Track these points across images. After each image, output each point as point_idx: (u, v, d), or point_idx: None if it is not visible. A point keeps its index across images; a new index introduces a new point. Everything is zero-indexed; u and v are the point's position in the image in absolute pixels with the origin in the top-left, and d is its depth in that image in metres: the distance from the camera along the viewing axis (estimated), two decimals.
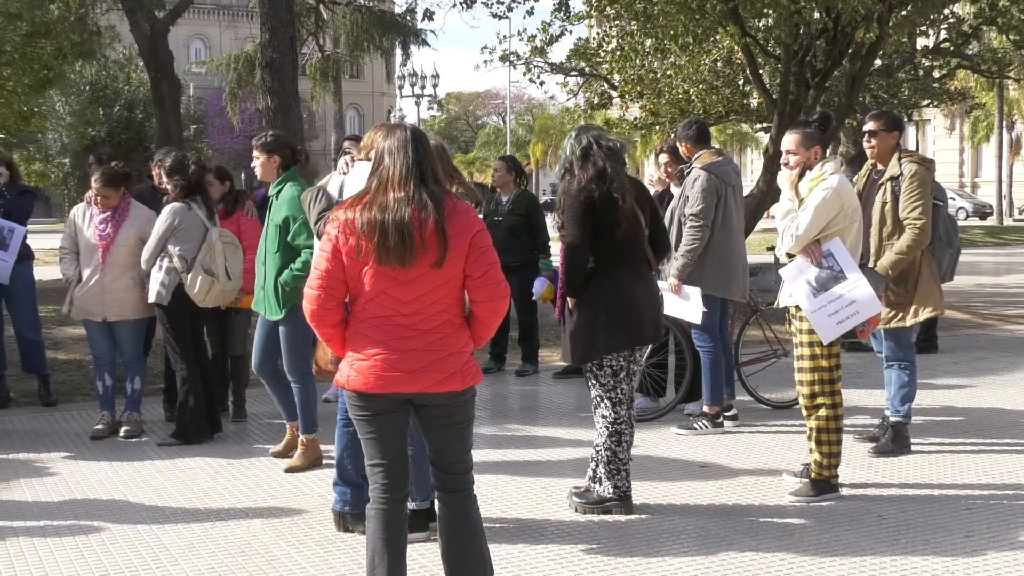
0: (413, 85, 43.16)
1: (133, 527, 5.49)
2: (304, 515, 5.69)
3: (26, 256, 8.26)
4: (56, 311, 9.13)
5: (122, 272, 7.30)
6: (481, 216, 7.49)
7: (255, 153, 6.57)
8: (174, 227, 7.07)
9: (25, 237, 8.09)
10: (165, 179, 7.26)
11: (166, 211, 7.10)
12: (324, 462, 6.51)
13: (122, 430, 7.46)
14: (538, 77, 18.98)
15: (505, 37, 18.13)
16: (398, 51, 25.68)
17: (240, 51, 25.78)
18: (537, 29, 16.46)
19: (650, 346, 7.72)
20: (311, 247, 6.10)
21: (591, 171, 5.61)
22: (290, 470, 6.54)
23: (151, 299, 7.15)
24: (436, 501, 4.16)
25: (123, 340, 7.48)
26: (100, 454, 7.02)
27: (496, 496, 5.98)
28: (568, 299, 5.69)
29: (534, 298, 9.15)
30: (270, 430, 7.69)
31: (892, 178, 6.72)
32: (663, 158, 7.94)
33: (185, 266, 7.07)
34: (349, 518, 5.36)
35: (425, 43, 23.70)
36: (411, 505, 5.06)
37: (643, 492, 5.92)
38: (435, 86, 44.42)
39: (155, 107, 17.00)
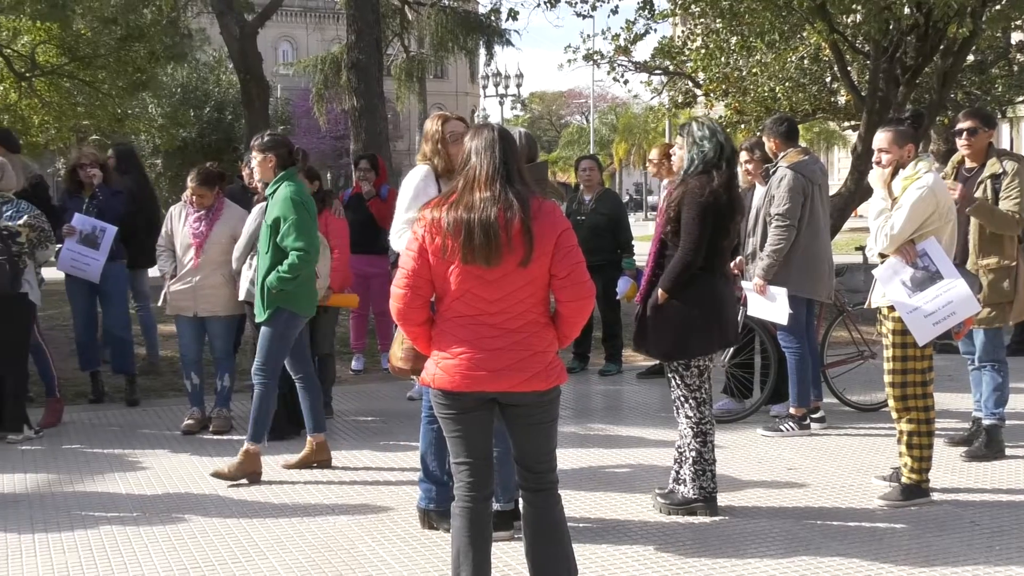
0: (497, 85, 43.29)
1: (223, 521, 5.59)
2: (389, 512, 5.74)
3: (118, 255, 8.44)
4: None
5: (215, 269, 7.45)
6: None
7: (252, 153, 6.54)
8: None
9: (117, 236, 8.27)
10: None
11: (256, 210, 7.21)
12: (407, 459, 6.56)
13: (212, 426, 7.61)
14: (622, 76, 18.91)
15: (589, 36, 18.00)
16: (482, 51, 25.71)
17: (327, 52, 26.06)
18: (621, 28, 16.38)
19: (731, 347, 7.69)
20: (298, 249, 6.15)
21: (725, 176, 5.56)
22: (217, 474, 6.28)
23: (241, 296, 7.28)
24: (520, 500, 4.17)
25: (214, 336, 7.63)
26: (190, 449, 7.16)
27: (580, 495, 5.97)
28: (659, 295, 5.63)
29: (618, 297, 9.12)
30: (356, 428, 7.78)
31: (993, 176, 6.57)
32: (745, 156, 7.88)
33: None
34: (433, 515, 5.39)
35: (509, 43, 23.68)
36: (496, 505, 5.09)
37: (728, 494, 5.87)
38: (519, 86, 44.51)
39: (244, 108, 17.28)
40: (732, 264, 7.72)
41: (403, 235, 5.28)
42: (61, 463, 6.80)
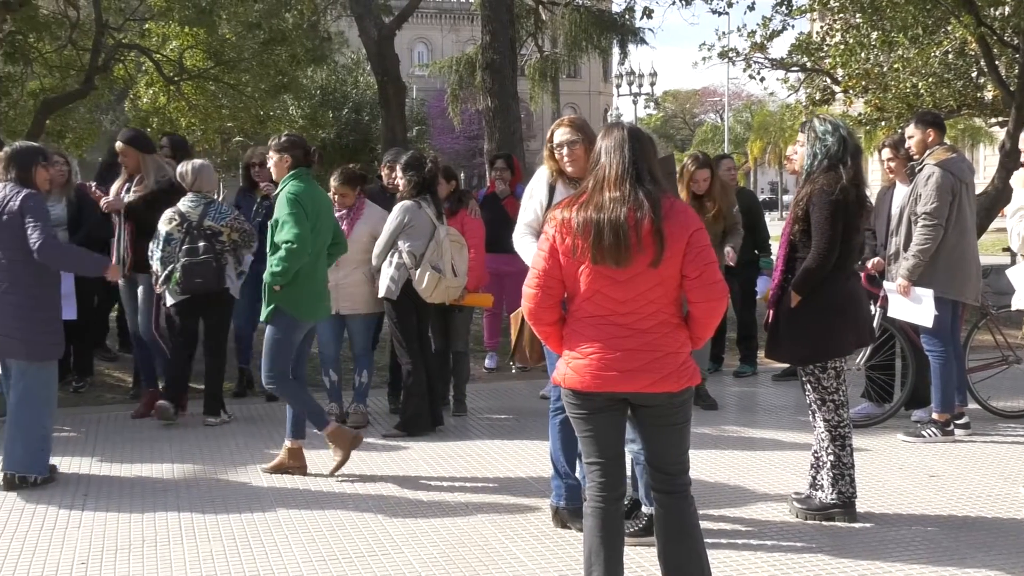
0: (630, 84, 43.00)
1: (359, 514, 5.70)
2: (523, 509, 5.77)
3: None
4: None
5: (355, 268, 7.59)
6: None
7: (269, 153, 6.59)
8: (404, 224, 7.30)
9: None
10: (399, 174, 7.48)
11: (397, 209, 7.34)
12: (541, 457, 6.57)
13: (349, 421, 7.76)
14: (758, 73, 18.60)
15: (724, 33, 17.81)
16: (616, 50, 25.63)
17: (461, 53, 26.34)
18: (757, 24, 16.15)
19: (870, 349, 7.50)
20: (287, 241, 6.14)
21: (852, 172, 5.43)
22: (266, 470, 6.52)
23: (381, 294, 7.42)
24: (653, 502, 4.14)
25: (354, 333, 7.79)
26: (326, 444, 7.29)
27: (714, 498, 5.91)
28: (792, 299, 5.53)
29: (758, 298, 8.99)
30: (490, 425, 7.85)
31: None
32: (887, 154, 7.66)
33: (414, 262, 7.29)
34: (565, 513, 5.40)
35: (643, 41, 23.56)
36: (645, 510, 5.07)
37: (867, 499, 5.74)
38: (652, 84, 44.11)
39: (381, 109, 17.55)
40: (870, 264, 7.55)
41: (523, 237, 5.33)
42: (206, 454, 7.02)
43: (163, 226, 7.59)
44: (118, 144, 7.33)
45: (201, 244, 7.56)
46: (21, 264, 6.10)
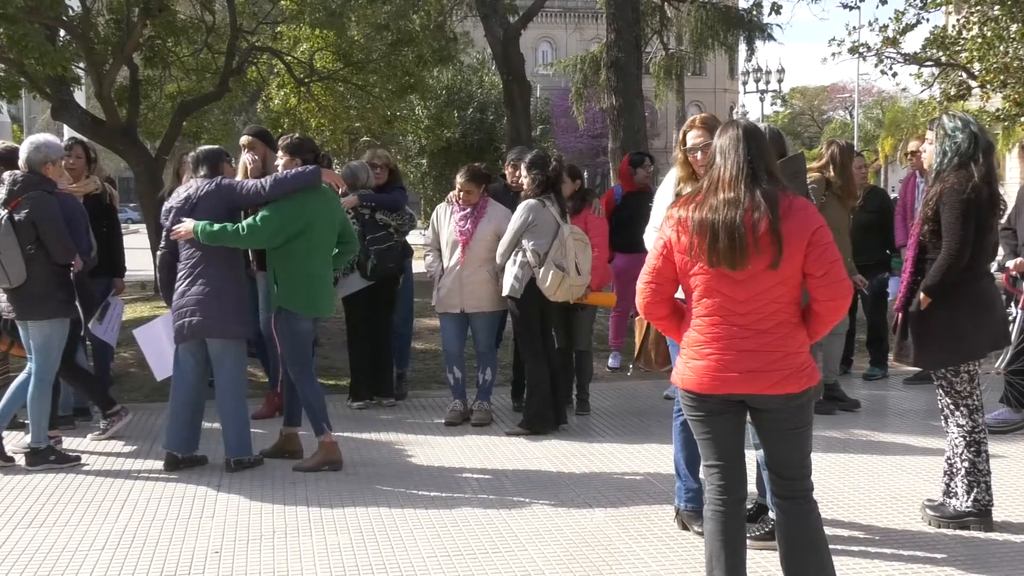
0: (757, 81, 42.40)
1: (483, 511, 5.74)
2: (646, 509, 5.74)
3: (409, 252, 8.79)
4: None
5: (479, 266, 7.66)
6: None
7: (279, 153, 6.74)
8: (528, 223, 7.33)
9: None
10: (524, 173, 7.51)
11: (521, 207, 7.37)
12: (664, 458, 6.54)
13: (473, 418, 7.83)
14: (890, 68, 18.20)
15: (855, 28, 17.47)
16: (742, 46, 25.32)
17: (586, 52, 26.29)
18: (890, 18, 15.80)
19: (1011, 352, 7.25)
20: (252, 224, 6.39)
21: (984, 169, 5.26)
22: (298, 468, 6.63)
23: (505, 292, 7.46)
24: (774, 507, 4.07)
25: (477, 331, 7.85)
26: (452, 440, 7.39)
27: (840, 503, 5.79)
28: (921, 301, 5.38)
29: (890, 299, 8.78)
30: (613, 425, 7.82)
31: None
32: None
33: (538, 261, 7.31)
34: (686, 515, 5.36)
35: (771, 37, 23.21)
36: (771, 514, 4.97)
37: (1004, 508, 5.55)
38: (780, 81, 43.43)
39: (506, 108, 17.64)
40: (1012, 264, 7.30)
41: (650, 237, 5.30)
42: (344, 449, 7.14)
43: None
44: (245, 138, 7.53)
45: (381, 233, 8.02)
46: (213, 248, 6.46)
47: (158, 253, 6.82)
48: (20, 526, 5.54)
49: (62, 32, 13.96)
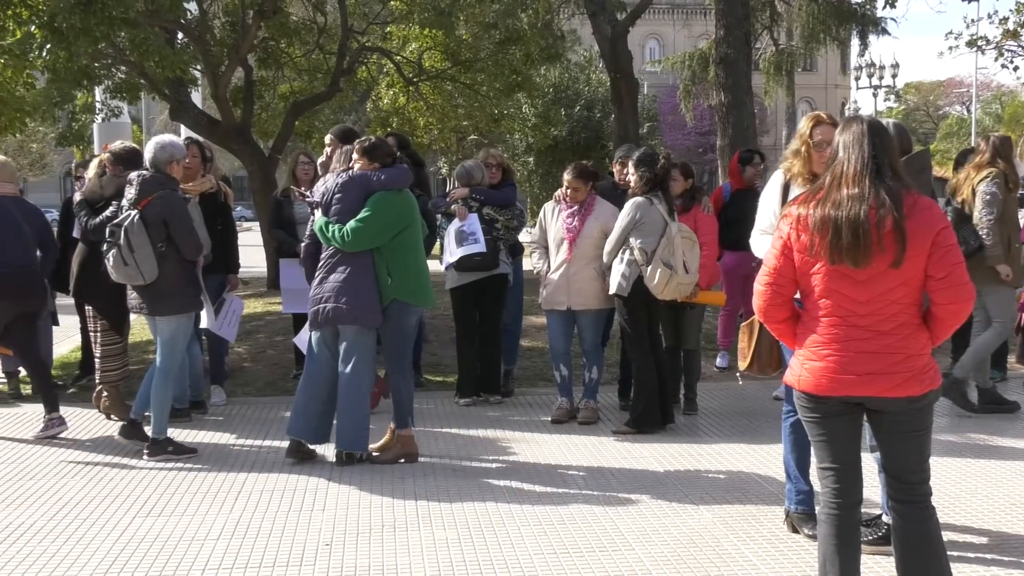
0: (870, 76, 41.58)
1: (590, 509, 5.73)
2: (754, 511, 5.67)
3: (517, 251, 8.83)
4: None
5: (586, 263, 7.65)
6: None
7: (354, 155, 6.75)
8: (636, 221, 7.29)
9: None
10: (631, 170, 7.48)
11: (629, 205, 7.34)
12: (773, 459, 6.44)
13: (579, 416, 7.82)
14: (1010, 62, 17.69)
15: (973, 21, 17.05)
16: (855, 41, 24.83)
17: (694, 49, 26.07)
18: (1010, 10, 15.34)
19: None
20: (355, 227, 6.48)
21: None
22: (374, 459, 6.73)
23: (612, 290, 7.44)
24: (890, 511, 3.98)
25: (584, 329, 7.84)
26: (559, 438, 7.39)
27: (959, 509, 5.64)
28: None
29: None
30: (721, 425, 7.74)
31: None
32: None
33: (645, 259, 7.27)
34: (795, 518, 5.28)
35: (885, 31, 22.69)
36: (885, 519, 4.88)
37: None
38: (894, 76, 42.51)
39: (613, 106, 17.59)
40: None
41: (759, 238, 5.22)
42: (442, 445, 7.22)
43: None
44: (328, 137, 7.66)
45: (482, 227, 8.11)
46: None
47: (303, 244, 7.00)
48: (140, 515, 5.71)
49: (180, 35, 14.35)
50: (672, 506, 5.79)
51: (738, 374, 6.35)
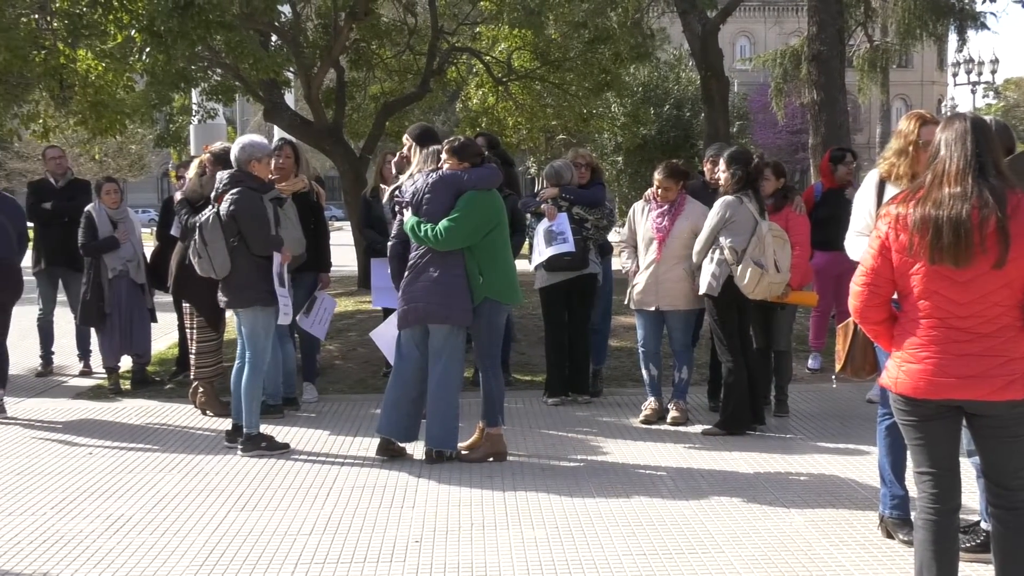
0: (968, 72, 40.66)
1: (679, 511, 5.70)
2: (847, 515, 5.58)
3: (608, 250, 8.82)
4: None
5: (676, 263, 7.61)
6: None
7: (444, 156, 6.76)
8: (725, 220, 7.23)
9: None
10: (722, 167, 7.41)
11: (718, 204, 7.28)
12: (867, 463, 6.34)
13: (669, 417, 7.77)
14: None
15: None
16: (952, 36, 24.28)
17: (786, 46, 25.74)
18: None
19: None
20: (447, 226, 6.54)
21: None
22: (463, 458, 6.78)
23: (702, 290, 7.38)
24: (990, 518, 3.89)
25: (673, 329, 7.79)
26: (647, 438, 7.36)
27: None
28: None
29: None
30: (813, 428, 7.64)
31: None
32: None
33: (735, 258, 7.21)
34: (890, 523, 5.19)
35: (984, 26, 22.13)
36: (984, 525, 4.77)
37: None
38: (993, 72, 41.51)
39: (704, 105, 17.48)
40: None
41: (854, 239, 5.12)
42: (531, 444, 7.23)
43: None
44: (405, 137, 7.74)
45: (571, 226, 8.11)
46: None
47: (389, 243, 7.08)
48: (235, 509, 5.82)
49: (274, 37, 14.59)
50: (763, 509, 5.73)
51: (832, 376, 6.25)
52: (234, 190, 6.91)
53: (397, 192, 7.08)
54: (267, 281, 7.02)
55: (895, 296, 3.86)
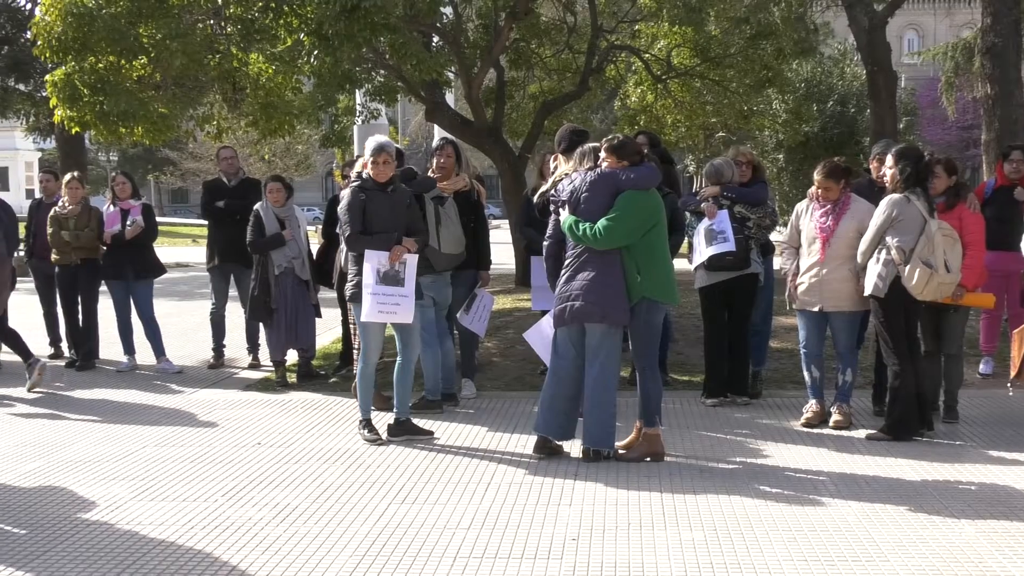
0: None
1: (842, 517, 5.55)
2: (1022, 527, 5.35)
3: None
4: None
5: (840, 264, 7.43)
6: None
7: (603, 154, 6.68)
8: (892, 219, 7.02)
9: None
10: (890, 163, 7.18)
11: (884, 203, 7.08)
12: None
13: (832, 420, 7.59)
14: None
15: None
16: None
17: (957, 39, 24.85)
18: None
19: None
20: (607, 226, 6.54)
21: None
22: (618, 457, 6.77)
23: (867, 291, 7.19)
24: None
25: (837, 330, 7.61)
26: (809, 442, 7.21)
27: None
28: None
29: None
30: (984, 433, 7.35)
31: None
32: None
33: (903, 258, 6.99)
34: None
35: None
36: None
37: None
38: None
39: (870, 100, 16.99)
40: None
41: None
42: (688, 445, 7.16)
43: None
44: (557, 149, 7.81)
45: (733, 226, 8.05)
46: None
47: (544, 243, 7.12)
48: (395, 501, 5.94)
49: (436, 38, 14.82)
50: (931, 518, 5.54)
51: (1008, 384, 6.00)
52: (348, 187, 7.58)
53: (552, 192, 7.10)
54: (359, 276, 7.26)
55: None
